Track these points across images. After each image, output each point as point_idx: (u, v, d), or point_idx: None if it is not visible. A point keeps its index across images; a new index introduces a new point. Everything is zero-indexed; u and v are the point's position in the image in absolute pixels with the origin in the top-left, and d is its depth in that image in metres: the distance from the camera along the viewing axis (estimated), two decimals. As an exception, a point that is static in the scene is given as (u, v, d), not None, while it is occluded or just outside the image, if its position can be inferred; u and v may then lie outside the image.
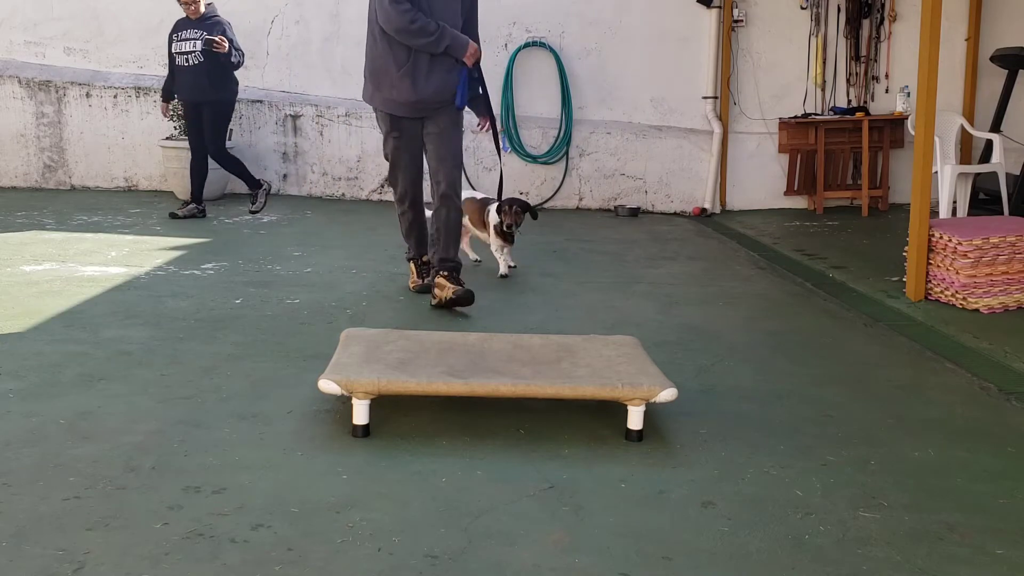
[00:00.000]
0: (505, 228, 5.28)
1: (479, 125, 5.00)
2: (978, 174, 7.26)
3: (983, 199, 7.40)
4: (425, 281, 4.88)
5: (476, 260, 5.80)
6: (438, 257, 4.70)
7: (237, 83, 7.47)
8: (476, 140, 8.60)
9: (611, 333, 4.06)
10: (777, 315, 4.81)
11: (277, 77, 8.77)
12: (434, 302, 4.63)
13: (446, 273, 4.65)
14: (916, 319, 4.65)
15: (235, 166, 7.51)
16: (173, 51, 7.23)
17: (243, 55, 7.35)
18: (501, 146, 4.76)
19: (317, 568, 2.15)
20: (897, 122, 8.53)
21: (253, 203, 7.56)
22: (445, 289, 4.55)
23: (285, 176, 8.74)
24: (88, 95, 8.62)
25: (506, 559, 2.21)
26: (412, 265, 5.01)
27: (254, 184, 7.57)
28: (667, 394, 2.94)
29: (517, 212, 5.32)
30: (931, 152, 4.94)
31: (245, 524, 2.35)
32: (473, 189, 6.99)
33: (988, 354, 4.06)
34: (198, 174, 7.38)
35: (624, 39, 8.67)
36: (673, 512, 2.49)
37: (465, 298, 4.51)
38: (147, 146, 8.64)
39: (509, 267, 5.50)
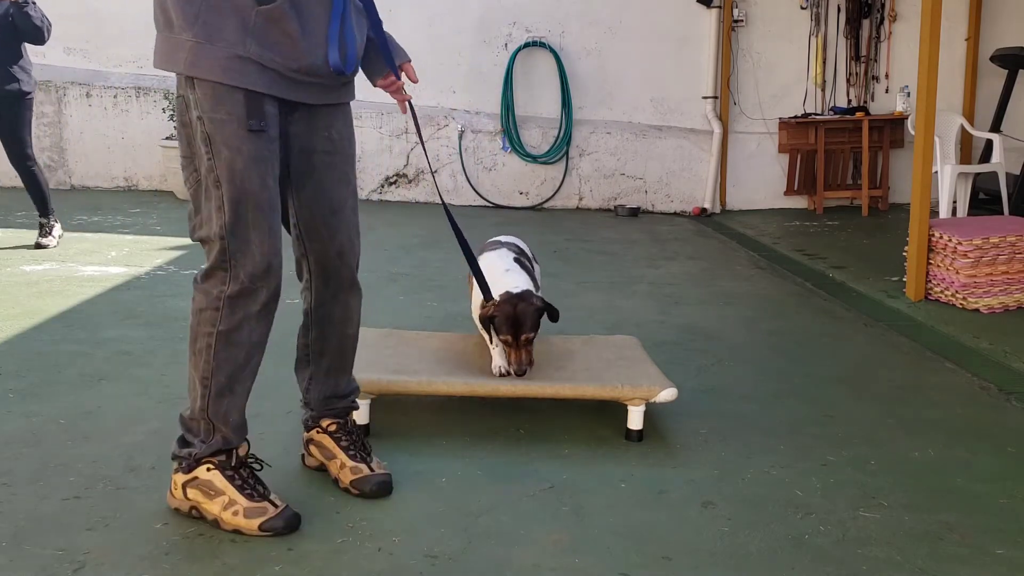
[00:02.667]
0: (513, 368, 3.05)
1: (390, 82, 2.53)
2: (978, 174, 7.26)
3: (983, 199, 7.41)
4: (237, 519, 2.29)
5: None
6: (327, 391, 2.62)
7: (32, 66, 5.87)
8: (476, 139, 8.59)
9: (611, 333, 4.06)
10: (777, 315, 4.81)
11: (277, 77, 8.77)
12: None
13: (340, 420, 2.62)
14: (916, 319, 4.65)
15: (36, 180, 5.88)
16: None
17: (51, 25, 5.71)
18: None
19: (317, 568, 2.15)
20: (897, 122, 8.54)
21: (44, 234, 5.90)
22: (343, 470, 2.54)
23: (285, 176, 8.73)
24: (88, 95, 8.63)
25: (506, 559, 2.21)
26: (217, 474, 2.33)
27: (47, 211, 5.96)
28: (667, 394, 2.94)
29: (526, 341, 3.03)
30: (931, 152, 4.94)
31: (245, 524, 2.34)
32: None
33: (988, 354, 4.06)
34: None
35: (624, 39, 8.67)
36: (673, 512, 2.49)
37: (382, 488, 2.52)
38: (147, 146, 8.64)
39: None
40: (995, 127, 7.84)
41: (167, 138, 8.21)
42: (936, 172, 6.19)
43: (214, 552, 2.20)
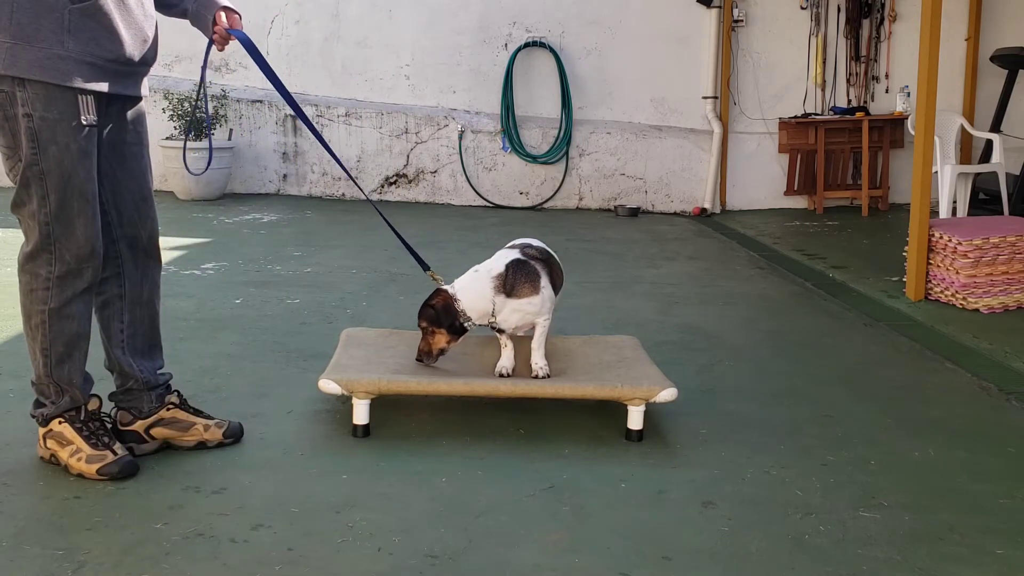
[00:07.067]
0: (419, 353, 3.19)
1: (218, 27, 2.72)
2: (978, 174, 7.26)
3: (983, 199, 7.41)
4: (115, 456, 2.57)
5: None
6: (155, 367, 2.82)
7: None
8: (476, 139, 8.59)
9: (611, 333, 4.06)
10: (777, 315, 4.81)
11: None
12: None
13: (176, 391, 2.85)
14: (916, 319, 4.65)
15: None
16: None
17: None
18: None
19: (317, 568, 2.15)
20: (897, 122, 8.54)
21: None
22: (209, 430, 2.80)
23: (285, 176, 8.73)
24: (88, 95, 8.62)
25: (506, 559, 2.21)
26: (67, 427, 2.60)
27: None
28: (667, 394, 2.94)
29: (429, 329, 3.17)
30: (931, 152, 4.94)
31: (245, 524, 2.35)
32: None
33: (988, 354, 4.06)
34: None
35: (624, 39, 8.66)
36: (673, 512, 2.49)
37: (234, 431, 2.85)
38: (147, 146, 8.63)
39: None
40: (995, 127, 7.84)
41: (167, 138, 8.21)
42: (936, 172, 6.19)
43: (214, 552, 2.20)
